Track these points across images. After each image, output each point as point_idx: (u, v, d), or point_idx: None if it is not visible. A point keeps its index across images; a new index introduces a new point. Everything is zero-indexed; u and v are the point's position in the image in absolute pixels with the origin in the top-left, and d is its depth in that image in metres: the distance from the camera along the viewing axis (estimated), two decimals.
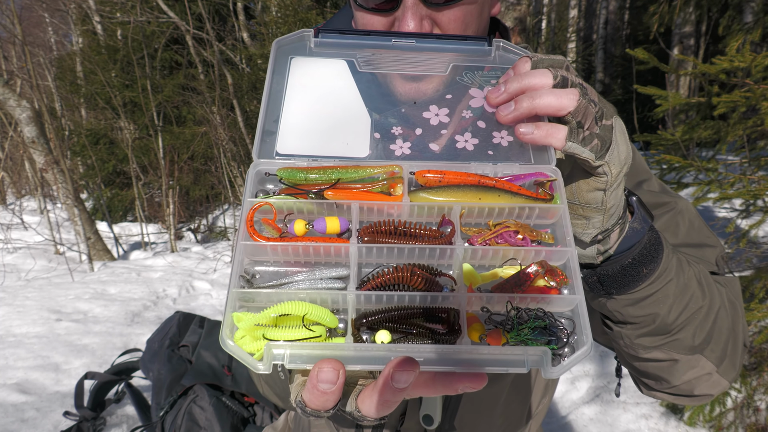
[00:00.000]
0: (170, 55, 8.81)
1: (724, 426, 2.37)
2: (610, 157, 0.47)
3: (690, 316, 0.59)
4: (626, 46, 12.97)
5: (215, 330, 2.65)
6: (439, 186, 0.46)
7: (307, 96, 0.53)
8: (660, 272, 0.55)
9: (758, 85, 2.16)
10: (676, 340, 0.60)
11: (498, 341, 0.39)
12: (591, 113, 0.47)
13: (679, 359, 0.62)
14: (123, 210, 9.20)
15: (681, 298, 0.58)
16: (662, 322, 0.58)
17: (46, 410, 2.65)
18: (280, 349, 0.36)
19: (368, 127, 0.53)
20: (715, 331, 0.62)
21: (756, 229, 2.77)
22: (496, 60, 0.59)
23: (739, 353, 0.65)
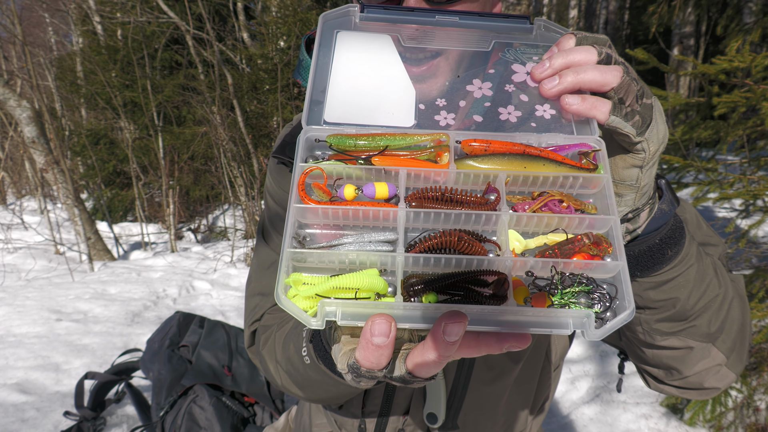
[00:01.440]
0: (170, 55, 8.81)
1: (724, 426, 2.37)
2: (650, 135, 0.47)
3: (707, 303, 0.59)
4: (626, 46, 12.97)
5: (215, 330, 2.65)
6: (485, 154, 0.46)
7: (353, 69, 0.54)
8: (683, 256, 0.56)
9: (758, 86, 2.16)
10: (693, 326, 0.60)
11: (542, 304, 0.40)
12: (633, 91, 0.48)
13: (695, 347, 0.63)
14: (123, 210, 9.20)
15: (700, 284, 0.58)
16: (682, 307, 0.59)
17: (47, 410, 2.65)
18: (333, 306, 0.38)
19: (413, 98, 0.54)
20: (728, 321, 0.62)
21: (756, 229, 2.77)
22: (537, 38, 0.59)
23: (746, 347, 0.66)
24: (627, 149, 0.49)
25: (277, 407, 2.35)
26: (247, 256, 6.12)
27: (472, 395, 0.76)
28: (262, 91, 7.30)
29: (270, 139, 7.69)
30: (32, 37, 14.37)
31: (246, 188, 6.81)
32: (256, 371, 2.48)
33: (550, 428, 2.56)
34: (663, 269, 0.56)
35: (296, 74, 0.78)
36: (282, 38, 6.95)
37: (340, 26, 0.56)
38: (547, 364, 0.83)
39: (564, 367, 3.05)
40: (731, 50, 2.25)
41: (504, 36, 0.59)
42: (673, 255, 0.55)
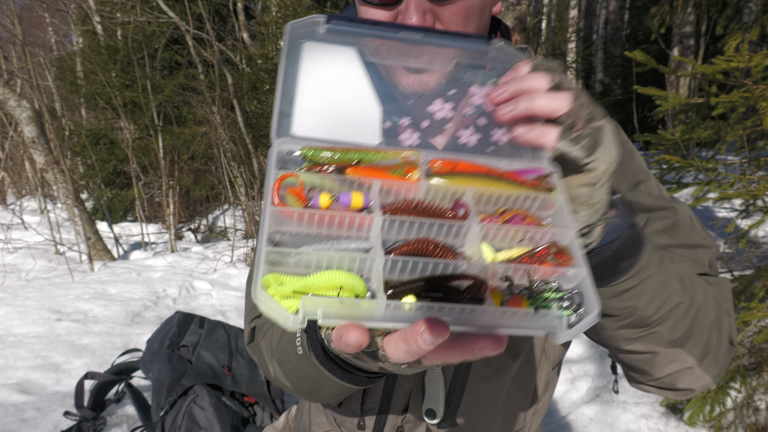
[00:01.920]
0: (170, 55, 8.81)
1: (723, 426, 2.37)
2: (599, 156, 0.50)
3: (669, 311, 0.61)
4: (626, 47, 12.97)
5: (215, 330, 2.65)
6: (451, 173, 0.49)
7: (320, 81, 0.54)
8: (639, 267, 0.57)
9: (757, 86, 2.16)
10: (655, 332, 0.62)
11: (519, 306, 0.42)
12: (582, 116, 0.50)
13: (659, 352, 0.64)
14: (123, 210, 9.20)
15: (660, 292, 0.60)
16: (640, 315, 0.60)
17: (47, 410, 2.65)
18: (314, 304, 0.37)
19: (378, 115, 0.54)
20: (696, 327, 0.63)
21: (756, 229, 2.78)
22: (494, 59, 0.60)
23: (723, 350, 0.66)
24: (579, 169, 0.52)
25: (277, 407, 2.35)
26: (247, 256, 6.13)
27: (471, 392, 0.76)
28: (262, 91, 7.30)
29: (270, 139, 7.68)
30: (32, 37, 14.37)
31: (246, 188, 6.82)
32: (256, 371, 2.48)
33: (550, 428, 2.56)
34: (618, 280, 0.58)
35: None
36: (282, 38, 6.95)
37: (307, 36, 0.55)
38: (545, 362, 0.83)
39: (564, 367, 3.05)
40: (730, 49, 2.25)
41: (465, 55, 0.60)
42: (628, 266, 0.57)
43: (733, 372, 2.40)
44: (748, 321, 2.23)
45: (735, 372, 2.39)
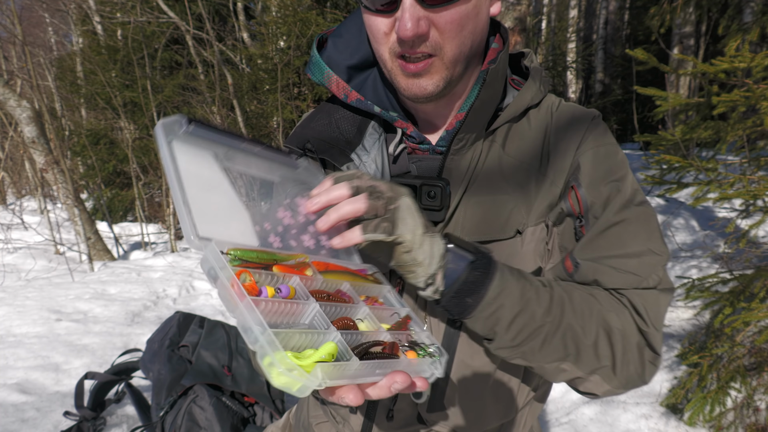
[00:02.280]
0: (170, 55, 8.81)
1: (724, 426, 2.37)
2: (401, 230, 0.62)
3: (531, 334, 0.67)
4: (626, 46, 12.96)
5: (215, 330, 2.65)
6: (327, 270, 0.64)
7: (199, 183, 0.57)
8: (488, 300, 0.65)
9: (757, 85, 2.16)
10: (524, 352, 0.69)
11: (414, 356, 0.61)
12: (379, 206, 0.62)
13: (536, 367, 0.71)
14: (123, 210, 9.20)
15: (518, 319, 0.67)
16: (502, 339, 0.68)
17: (46, 410, 2.65)
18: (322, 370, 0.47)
19: (248, 219, 0.63)
20: (570, 346, 0.68)
21: (756, 229, 2.78)
22: (302, 173, 0.72)
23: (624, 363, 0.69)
24: (393, 244, 0.64)
25: (277, 407, 2.35)
26: None
27: (456, 375, 0.78)
28: (262, 91, 7.30)
29: (270, 139, 7.69)
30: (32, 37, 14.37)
31: None
32: (256, 371, 2.48)
33: (550, 428, 2.56)
34: (471, 313, 0.66)
35: (307, 69, 0.83)
36: (282, 38, 6.95)
37: (174, 135, 0.57)
38: None
39: None
40: (730, 49, 2.25)
41: (283, 171, 0.70)
42: (474, 302, 0.65)
43: (733, 372, 2.40)
44: (749, 321, 2.23)
45: (735, 372, 2.39)
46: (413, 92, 0.71)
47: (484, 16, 0.71)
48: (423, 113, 0.80)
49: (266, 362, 0.46)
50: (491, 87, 0.74)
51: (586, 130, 0.76)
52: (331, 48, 0.82)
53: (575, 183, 0.73)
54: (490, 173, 0.76)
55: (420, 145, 0.80)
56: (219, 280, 0.50)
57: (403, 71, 0.69)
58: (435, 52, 0.67)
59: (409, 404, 0.79)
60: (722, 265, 3.39)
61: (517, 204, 0.74)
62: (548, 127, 0.77)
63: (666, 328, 3.34)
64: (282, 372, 0.45)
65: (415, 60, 0.68)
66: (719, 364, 2.47)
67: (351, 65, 0.81)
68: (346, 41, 0.81)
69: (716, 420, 2.37)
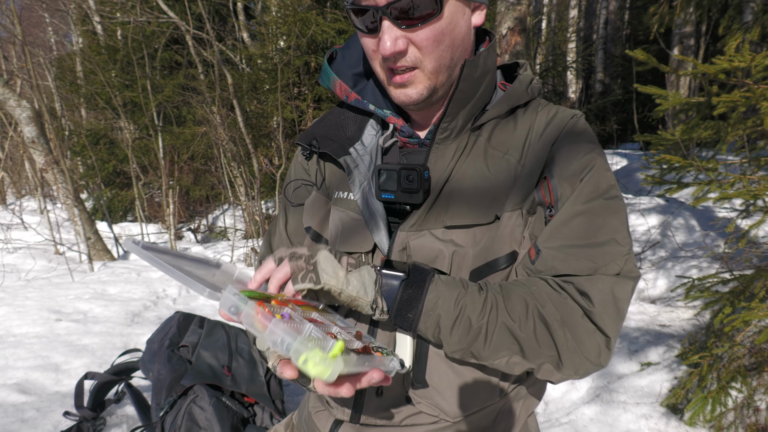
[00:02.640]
0: (170, 55, 8.80)
1: (724, 426, 2.37)
2: (324, 279, 0.71)
3: (473, 336, 0.73)
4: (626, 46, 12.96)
5: (215, 330, 2.65)
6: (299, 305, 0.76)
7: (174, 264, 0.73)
8: (426, 312, 0.73)
9: (758, 85, 2.16)
10: (471, 352, 0.75)
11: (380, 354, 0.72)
12: (300, 264, 0.73)
13: (488, 364, 0.76)
14: (123, 210, 9.19)
15: (457, 325, 0.73)
16: (448, 345, 0.75)
17: (46, 410, 2.65)
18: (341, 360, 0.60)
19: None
20: (508, 341, 0.73)
21: (756, 229, 2.78)
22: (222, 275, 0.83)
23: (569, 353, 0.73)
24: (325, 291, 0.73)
25: (277, 407, 2.35)
26: (247, 256, 6.12)
27: (434, 359, 0.82)
28: (262, 91, 7.29)
29: (270, 139, 7.68)
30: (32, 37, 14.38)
31: (246, 188, 6.81)
32: (256, 371, 2.48)
33: (549, 428, 2.56)
34: (417, 325, 0.74)
35: (319, 78, 0.95)
36: (282, 38, 6.94)
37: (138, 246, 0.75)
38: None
39: None
40: (730, 49, 2.25)
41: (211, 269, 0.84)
42: (415, 316, 0.73)
43: (733, 372, 2.40)
44: (749, 321, 2.23)
45: (735, 372, 2.39)
46: (401, 100, 0.81)
47: (462, 28, 0.79)
48: (414, 113, 0.89)
49: (302, 360, 0.59)
50: (470, 78, 0.80)
51: (564, 126, 0.82)
52: (340, 59, 0.94)
53: (548, 174, 0.78)
54: (474, 163, 0.82)
55: (410, 139, 0.88)
56: (243, 313, 0.64)
57: (391, 82, 0.80)
58: (416, 65, 0.77)
59: (398, 383, 0.84)
60: (722, 265, 3.39)
61: (497, 192, 0.79)
62: (531, 124, 0.83)
63: (666, 328, 3.34)
64: (317, 363, 0.58)
65: (400, 72, 0.78)
66: (719, 364, 2.47)
67: (356, 73, 0.94)
68: (352, 53, 0.93)
69: (716, 420, 2.37)
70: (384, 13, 0.73)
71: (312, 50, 6.85)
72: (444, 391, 0.82)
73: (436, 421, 0.84)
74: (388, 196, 0.82)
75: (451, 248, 0.79)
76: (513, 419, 0.89)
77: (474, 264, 0.79)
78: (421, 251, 0.81)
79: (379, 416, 0.86)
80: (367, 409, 0.86)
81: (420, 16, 0.73)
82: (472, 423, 0.85)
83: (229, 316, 0.66)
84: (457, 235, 0.80)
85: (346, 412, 0.88)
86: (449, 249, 0.79)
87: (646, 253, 4.32)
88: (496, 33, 4.79)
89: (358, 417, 0.87)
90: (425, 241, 0.81)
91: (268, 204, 8.14)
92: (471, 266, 0.79)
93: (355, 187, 0.86)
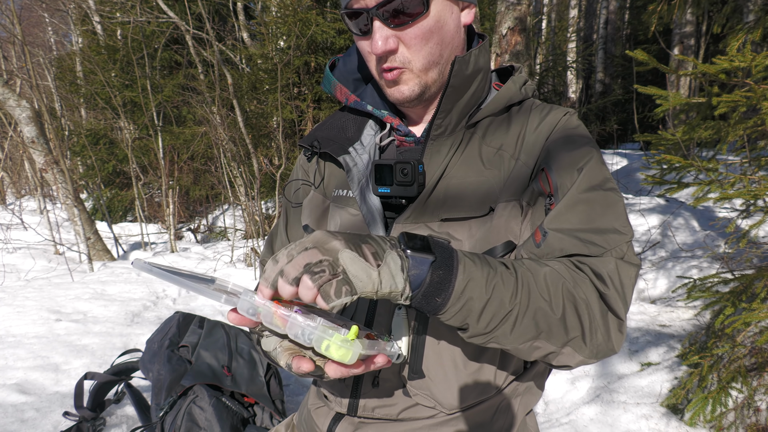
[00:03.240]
0: (170, 55, 8.80)
1: (724, 426, 2.37)
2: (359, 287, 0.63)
3: (501, 319, 0.69)
4: (626, 46, 12.97)
5: (215, 330, 2.65)
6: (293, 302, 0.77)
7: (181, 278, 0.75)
8: (455, 296, 0.67)
9: (758, 85, 2.15)
10: (496, 336, 0.71)
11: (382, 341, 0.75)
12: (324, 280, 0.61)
13: (510, 348, 0.73)
14: (123, 210, 9.20)
15: (487, 308, 0.69)
16: (475, 329, 0.70)
17: (46, 410, 2.65)
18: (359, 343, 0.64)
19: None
20: (541, 324, 0.71)
21: (756, 229, 2.78)
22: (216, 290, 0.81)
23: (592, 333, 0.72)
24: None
25: (277, 408, 2.34)
26: (246, 256, 6.12)
27: (430, 350, 0.83)
28: (262, 91, 7.29)
29: (270, 139, 7.68)
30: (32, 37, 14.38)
31: (246, 188, 6.81)
32: (256, 372, 2.47)
33: (549, 428, 2.55)
34: (443, 311, 0.68)
35: (322, 84, 1.00)
36: (282, 38, 6.94)
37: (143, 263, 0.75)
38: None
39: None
40: (732, 49, 2.24)
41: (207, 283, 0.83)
42: (443, 300, 0.67)
43: (734, 372, 2.39)
44: (749, 321, 2.22)
45: (736, 372, 2.39)
46: (395, 97, 0.85)
47: (451, 27, 0.82)
48: (411, 111, 0.93)
49: (324, 346, 0.63)
50: (460, 75, 0.83)
51: (558, 122, 0.84)
52: (341, 65, 0.99)
53: (546, 167, 0.80)
54: (469, 158, 0.85)
55: (406, 137, 0.91)
56: (262, 313, 0.66)
57: (385, 81, 0.84)
58: (404, 65, 0.81)
59: (394, 374, 0.85)
60: (723, 265, 3.39)
61: (492, 185, 0.81)
62: (525, 121, 0.86)
63: (666, 328, 3.34)
64: (339, 346, 0.62)
65: (390, 70, 0.81)
66: (720, 364, 2.47)
67: (356, 78, 0.98)
68: (353, 60, 0.98)
69: (717, 420, 2.37)
70: (374, 14, 0.77)
71: (312, 50, 6.85)
72: (440, 383, 0.83)
73: (434, 415, 0.85)
74: (384, 190, 0.85)
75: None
76: (511, 416, 0.89)
77: None
78: None
79: (376, 407, 0.87)
80: (364, 400, 0.88)
81: (408, 14, 0.77)
82: (469, 418, 0.86)
83: (245, 318, 0.67)
84: (453, 228, 0.82)
85: (343, 404, 0.90)
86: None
87: (647, 253, 4.31)
88: (496, 33, 4.79)
89: (355, 408, 0.88)
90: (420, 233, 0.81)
91: (268, 204, 8.14)
92: None
93: (354, 185, 0.89)
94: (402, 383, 0.85)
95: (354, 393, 0.88)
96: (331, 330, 0.64)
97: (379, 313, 0.86)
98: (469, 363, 0.83)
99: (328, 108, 7.08)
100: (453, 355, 0.83)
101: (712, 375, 2.45)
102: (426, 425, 0.85)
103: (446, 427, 0.85)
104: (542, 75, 9.53)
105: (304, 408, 1.05)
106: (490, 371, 0.85)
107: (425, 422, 0.85)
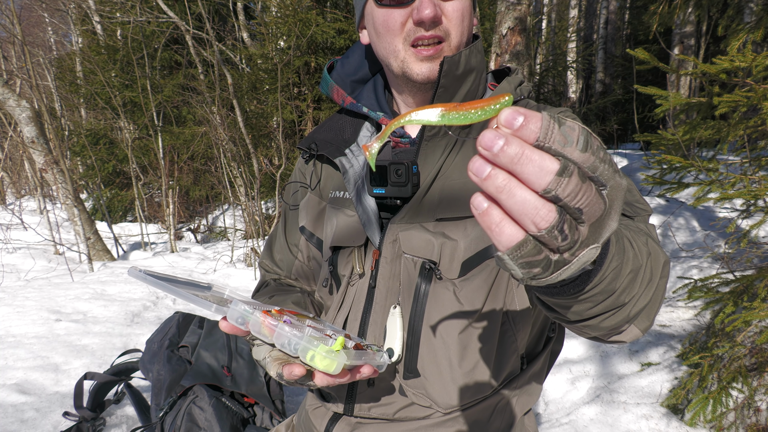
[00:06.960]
0: (170, 55, 8.80)
1: (724, 426, 2.37)
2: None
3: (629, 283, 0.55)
4: (627, 46, 12.95)
5: (215, 330, 2.65)
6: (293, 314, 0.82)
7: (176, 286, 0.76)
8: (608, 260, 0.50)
9: (759, 85, 2.15)
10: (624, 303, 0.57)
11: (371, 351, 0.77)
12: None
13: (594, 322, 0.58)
14: (123, 210, 9.19)
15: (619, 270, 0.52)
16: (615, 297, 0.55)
17: (46, 410, 2.64)
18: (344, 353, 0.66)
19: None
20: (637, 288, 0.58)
21: (757, 229, 2.77)
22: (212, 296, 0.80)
23: (657, 305, 0.63)
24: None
25: (277, 408, 2.34)
26: (246, 256, 6.12)
27: (425, 349, 0.83)
28: (262, 91, 7.29)
29: (270, 139, 7.68)
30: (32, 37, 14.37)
31: (246, 188, 6.81)
32: (256, 372, 2.47)
33: (549, 428, 2.55)
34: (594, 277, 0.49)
35: (320, 86, 1.02)
36: (282, 38, 6.94)
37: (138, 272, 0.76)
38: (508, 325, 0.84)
39: (564, 367, 3.05)
40: (732, 49, 2.24)
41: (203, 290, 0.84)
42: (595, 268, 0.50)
43: (734, 372, 2.39)
44: (750, 321, 2.22)
45: (736, 372, 2.39)
46: (425, 75, 0.83)
47: (471, 20, 0.85)
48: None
49: (309, 356, 0.65)
50: (450, 74, 0.83)
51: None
52: (339, 67, 1.00)
53: None
54: (463, 159, 0.85)
55: (401, 138, 0.92)
56: (251, 322, 0.68)
57: (416, 57, 0.82)
58: (445, 37, 0.81)
59: (389, 373, 0.85)
60: (723, 265, 3.39)
61: None
62: None
63: (666, 328, 3.33)
64: (324, 357, 0.64)
65: (428, 44, 0.81)
66: (720, 364, 2.47)
67: (354, 79, 1.00)
68: (351, 62, 1.00)
69: (717, 420, 2.37)
70: None
71: (312, 50, 6.85)
72: (435, 381, 0.83)
73: (430, 415, 0.85)
74: (379, 191, 0.85)
75: (440, 240, 0.81)
76: (508, 417, 0.89)
77: (465, 255, 0.81)
78: (410, 242, 0.83)
79: (372, 407, 0.87)
80: (360, 400, 0.88)
81: None
82: (466, 418, 0.86)
83: (235, 327, 0.68)
84: (449, 228, 0.82)
85: (340, 404, 0.91)
86: (438, 240, 0.81)
87: None
88: (497, 33, 4.79)
89: (351, 408, 0.89)
90: (414, 233, 0.83)
91: (268, 204, 8.13)
92: (463, 257, 0.81)
93: (350, 186, 0.90)
94: (398, 383, 0.86)
95: (350, 393, 0.89)
96: (316, 341, 0.66)
97: (375, 311, 0.86)
98: (464, 362, 0.83)
99: (328, 108, 7.08)
100: (448, 354, 0.82)
101: (713, 375, 2.45)
102: (423, 426, 0.85)
103: (443, 428, 0.85)
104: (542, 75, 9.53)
105: (303, 409, 1.06)
106: (485, 370, 0.85)
107: (422, 422, 0.85)
